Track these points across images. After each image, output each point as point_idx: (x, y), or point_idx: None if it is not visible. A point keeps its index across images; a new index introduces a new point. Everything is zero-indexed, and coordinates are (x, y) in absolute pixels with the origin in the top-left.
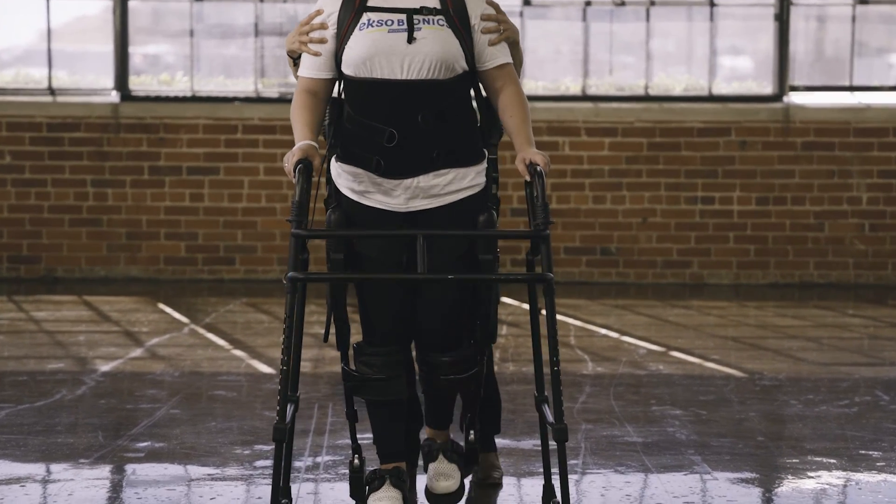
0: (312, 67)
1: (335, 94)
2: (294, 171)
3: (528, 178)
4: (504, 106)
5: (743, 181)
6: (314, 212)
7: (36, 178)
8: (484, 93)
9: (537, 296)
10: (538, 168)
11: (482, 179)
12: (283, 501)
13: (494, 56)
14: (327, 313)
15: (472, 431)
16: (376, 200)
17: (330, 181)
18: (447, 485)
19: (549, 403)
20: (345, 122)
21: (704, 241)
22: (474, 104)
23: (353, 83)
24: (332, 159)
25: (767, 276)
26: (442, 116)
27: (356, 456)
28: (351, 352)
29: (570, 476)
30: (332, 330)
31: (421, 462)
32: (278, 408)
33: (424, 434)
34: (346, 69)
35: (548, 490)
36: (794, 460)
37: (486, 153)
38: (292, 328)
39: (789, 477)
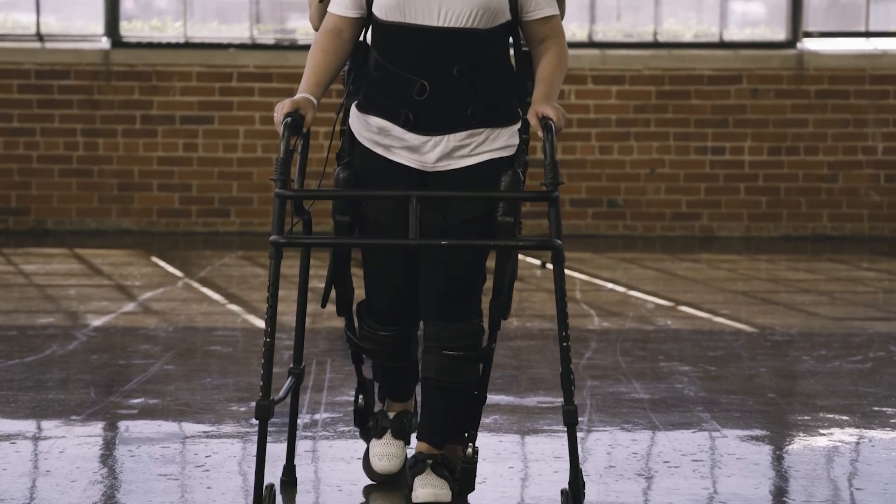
0: (341, 4)
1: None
2: (281, 125)
3: (539, 133)
4: (542, 60)
5: (754, 131)
6: (316, 166)
7: (24, 128)
8: (524, 45)
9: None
10: (549, 123)
11: (515, 141)
12: (277, 482)
13: (540, 6)
14: (327, 278)
15: (470, 446)
16: (402, 157)
17: (345, 132)
18: (434, 492)
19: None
20: (370, 70)
21: (714, 193)
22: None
23: (383, 27)
24: (353, 107)
25: (779, 229)
26: (479, 70)
27: (360, 395)
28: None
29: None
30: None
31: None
32: (262, 382)
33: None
34: (377, 10)
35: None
36: (805, 417)
37: (521, 113)
38: (276, 297)
39: (801, 434)
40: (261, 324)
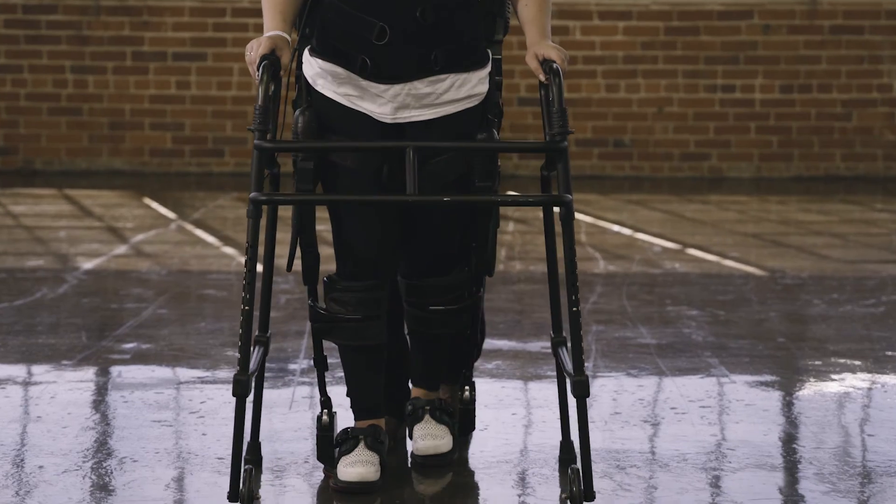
0: None
1: None
2: (258, 69)
3: (542, 77)
4: None
5: (766, 68)
6: (283, 118)
7: (11, 64)
8: None
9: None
10: (554, 66)
11: (485, 88)
12: (246, 464)
13: None
14: (292, 237)
15: (466, 388)
16: (359, 106)
17: (300, 77)
18: (435, 444)
19: (567, 349)
20: (324, 11)
21: (724, 132)
22: None
23: None
24: (306, 52)
25: (791, 169)
26: (444, 10)
27: (325, 411)
28: (321, 288)
29: None
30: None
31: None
32: (239, 355)
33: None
34: None
35: (566, 447)
36: (816, 362)
37: (490, 54)
38: (255, 259)
39: (811, 380)
40: (257, 267)
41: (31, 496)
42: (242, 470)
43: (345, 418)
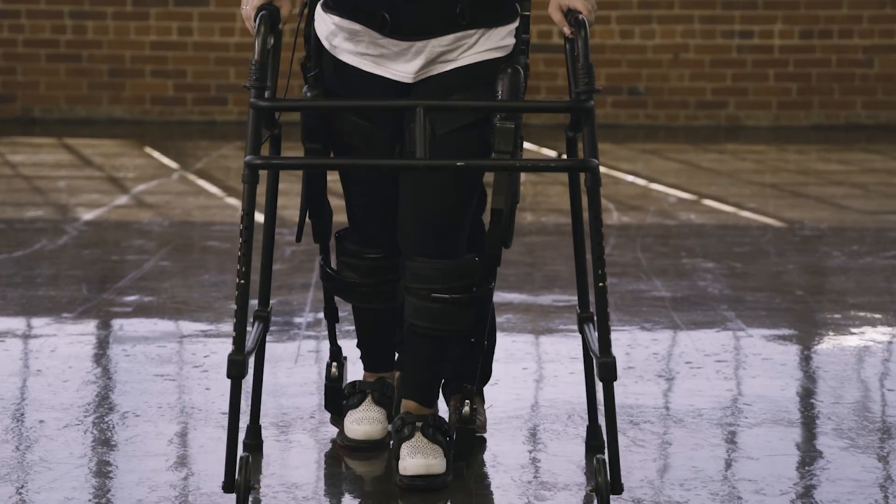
0: None
1: None
2: (254, 20)
3: (566, 30)
4: None
5: (785, 13)
6: (290, 73)
7: (8, 9)
8: None
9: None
10: (580, 17)
11: (511, 41)
12: (242, 453)
13: None
14: (301, 204)
15: (466, 403)
16: (378, 68)
17: (311, 38)
18: (426, 463)
19: (594, 325)
20: None
21: (742, 79)
22: None
23: None
24: (318, 8)
25: (810, 117)
26: None
27: (334, 363)
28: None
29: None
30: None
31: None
32: (235, 334)
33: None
34: None
35: (593, 432)
36: (835, 315)
37: (518, 9)
38: (251, 229)
39: (830, 333)
40: (260, 218)
41: (32, 451)
42: (238, 458)
43: (353, 373)
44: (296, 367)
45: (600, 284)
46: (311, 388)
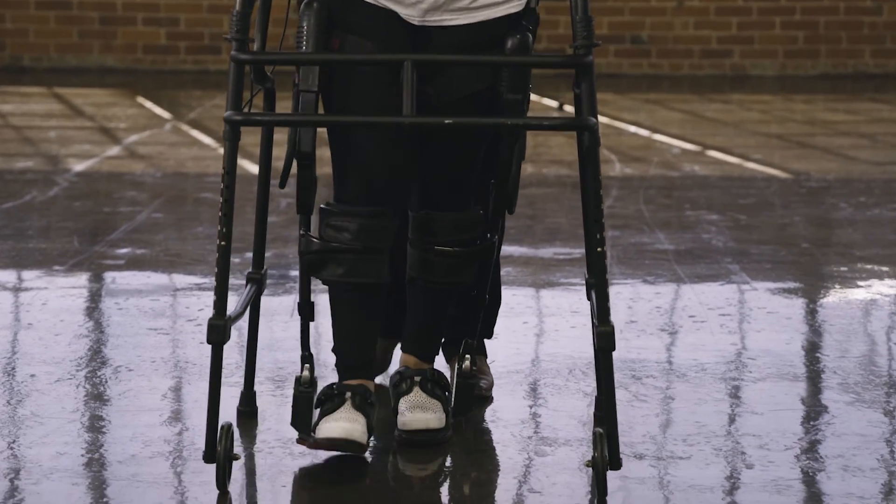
0: None
1: None
2: None
3: None
4: None
5: None
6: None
7: None
8: None
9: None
10: None
11: None
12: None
13: None
14: (286, 156)
15: (466, 358)
16: (382, 1)
17: None
18: (425, 417)
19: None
20: None
21: (747, 28)
22: None
23: None
24: None
25: (817, 66)
26: None
27: (306, 366)
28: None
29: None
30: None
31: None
32: (215, 297)
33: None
34: None
35: (601, 403)
36: (842, 268)
37: None
38: (233, 188)
39: (836, 286)
40: (256, 169)
41: (23, 405)
42: (219, 426)
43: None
44: (292, 321)
45: (598, 250)
46: (319, 334)
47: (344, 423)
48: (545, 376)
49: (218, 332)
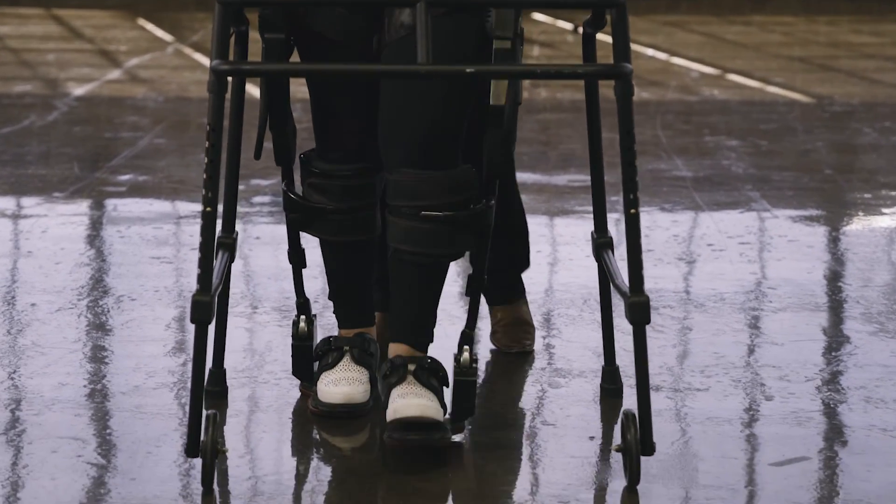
0: None
1: None
2: None
3: None
4: None
5: None
6: None
7: None
8: None
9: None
10: None
11: None
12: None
13: None
14: (260, 116)
15: (465, 349)
16: None
17: None
18: (420, 403)
19: (612, 253)
20: None
21: None
22: None
23: None
24: None
25: None
26: None
27: (302, 316)
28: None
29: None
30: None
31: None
32: (199, 270)
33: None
34: None
35: (609, 376)
36: (865, 195)
37: None
38: (219, 145)
39: (860, 214)
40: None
41: (24, 335)
42: (204, 416)
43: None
44: None
45: (632, 211)
46: (314, 272)
47: (344, 387)
48: (559, 306)
49: (203, 310)
